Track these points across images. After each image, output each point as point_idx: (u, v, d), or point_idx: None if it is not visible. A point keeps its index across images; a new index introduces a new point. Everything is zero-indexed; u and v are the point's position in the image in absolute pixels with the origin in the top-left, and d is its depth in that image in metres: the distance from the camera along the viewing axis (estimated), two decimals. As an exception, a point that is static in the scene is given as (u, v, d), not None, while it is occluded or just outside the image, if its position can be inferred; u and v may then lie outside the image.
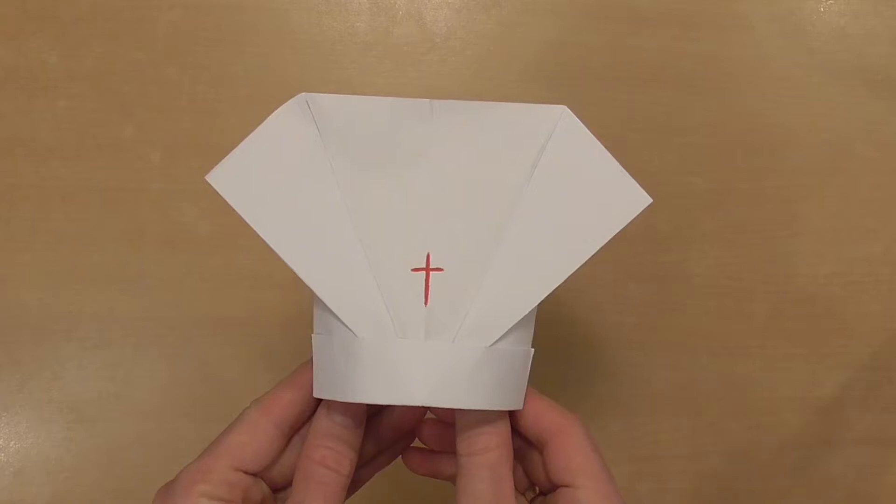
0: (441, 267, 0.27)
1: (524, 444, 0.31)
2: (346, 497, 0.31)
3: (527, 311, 0.27)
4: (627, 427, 0.46)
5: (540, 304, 0.28)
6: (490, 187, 0.28)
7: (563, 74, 0.49)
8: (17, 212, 0.46)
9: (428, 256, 0.26)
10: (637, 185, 0.28)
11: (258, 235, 0.27)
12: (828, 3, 0.51)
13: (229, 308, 0.45)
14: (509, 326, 0.27)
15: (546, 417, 0.29)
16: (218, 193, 0.28)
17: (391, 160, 0.28)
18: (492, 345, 0.27)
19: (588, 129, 0.28)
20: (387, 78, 0.48)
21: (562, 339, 0.47)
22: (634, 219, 0.28)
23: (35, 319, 0.45)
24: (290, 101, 0.28)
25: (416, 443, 0.34)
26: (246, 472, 0.28)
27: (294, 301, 0.45)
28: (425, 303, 0.26)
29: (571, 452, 0.29)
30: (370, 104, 0.28)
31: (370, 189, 0.27)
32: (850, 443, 0.47)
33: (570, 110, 0.28)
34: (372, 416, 0.32)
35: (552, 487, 0.30)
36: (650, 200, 0.28)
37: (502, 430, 0.28)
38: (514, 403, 0.29)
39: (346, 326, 0.27)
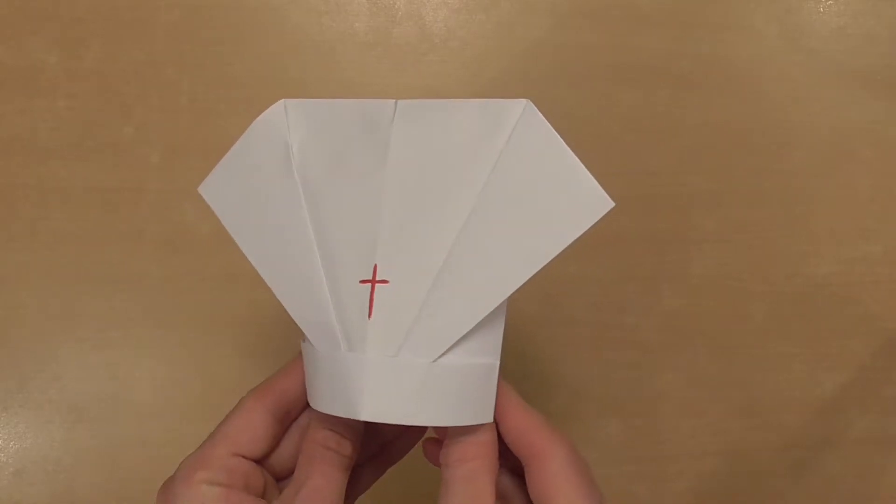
0: (387, 279, 0.25)
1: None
2: (357, 495, 0.32)
3: (473, 324, 0.25)
4: (627, 427, 0.46)
5: (502, 314, 0.26)
6: (448, 190, 0.26)
7: (562, 75, 0.49)
8: (18, 211, 0.46)
9: (375, 268, 0.25)
10: (599, 187, 0.26)
11: None
12: (827, 3, 0.51)
13: (229, 308, 0.45)
14: (455, 340, 0.25)
15: (526, 438, 0.28)
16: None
17: (355, 166, 0.26)
18: (437, 359, 0.25)
19: (551, 125, 0.26)
20: (386, 78, 0.48)
21: (561, 339, 0.47)
22: (597, 223, 0.26)
23: (35, 319, 0.45)
24: (270, 108, 0.27)
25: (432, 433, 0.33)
26: (245, 458, 0.28)
27: (294, 301, 0.45)
28: (369, 314, 0.25)
29: (548, 480, 0.27)
30: (339, 108, 0.27)
31: (332, 198, 0.26)
32: (850, 443, 0.47)
33: (532, 104, 0.26)
34: None
35: None
36: (612, 204, 0.26)
37: (484, 439, 0.27)
38: (476, 418, 0.27)
39: (307, 339, 0.27)
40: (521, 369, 0.45)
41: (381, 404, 0.25)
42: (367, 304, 0.25)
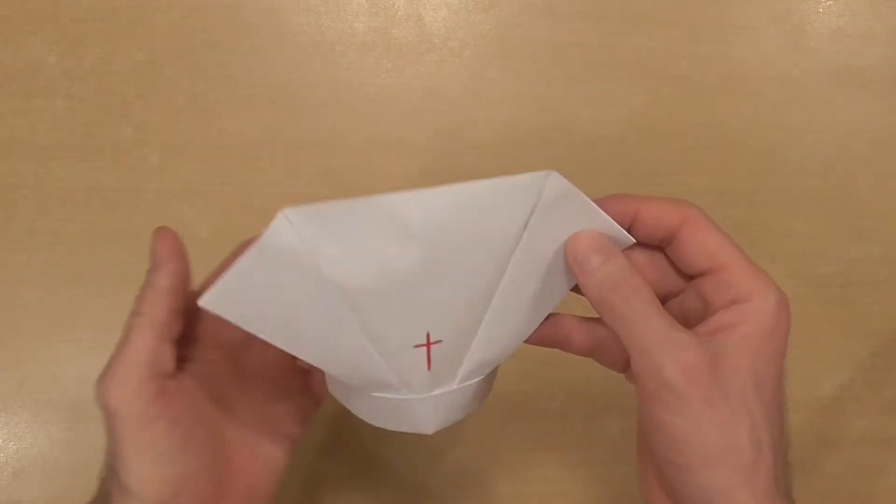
0: (440, 339, 0.29)
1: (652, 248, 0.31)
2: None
3: (514, 350, 0.31)
4: (627, 427, 0.46)
5: None
6: (479, 263, 0.28)
7: (562, 75, 0.49)
8: (17, 212, 0.45)
9: (428, 335, 0.29)
10: (623, 230, 0.29)
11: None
12: (826, 3, 0.51)
13: (229, 308, 0.45)
14: (502, 361, 0.32)
15: (665, 216, 0.29)
16: (216, 192, 0.28)
17: (389, 265, 0.27)
18: (478, 378, 0.32)
19: (577, 188, 0.28)
20: (385, 79, 0.48)
21: (561, 339, 0.47)
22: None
23: (35, 319, 0.45)
24: (272, 222, 0.26)
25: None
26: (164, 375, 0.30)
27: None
28: (428, 368, 0.30)
29: (702, 237, 0.28)
30: (351, 210, 0.26)
31: (372, 294, 0.27)
32: (850, 443, 0.47)
33: (558, 174, 0.27)
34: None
35: (689, 280, 0.30)
36: (633, 241, 0.30)
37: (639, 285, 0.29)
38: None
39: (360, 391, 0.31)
40: (521, 369, 0.45)
41: (443, 420, 0.31)
42: (426, 361, 0.29)
